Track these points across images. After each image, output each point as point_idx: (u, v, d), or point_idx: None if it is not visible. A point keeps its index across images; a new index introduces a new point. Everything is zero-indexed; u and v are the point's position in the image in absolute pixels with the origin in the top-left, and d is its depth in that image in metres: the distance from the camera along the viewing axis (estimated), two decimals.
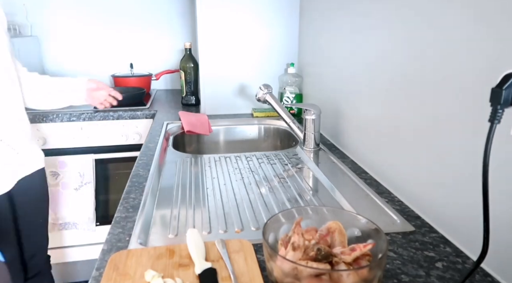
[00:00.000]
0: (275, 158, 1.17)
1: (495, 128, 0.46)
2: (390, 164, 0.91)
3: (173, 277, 0.56)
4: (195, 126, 1.45)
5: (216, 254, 0.62)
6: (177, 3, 2.20)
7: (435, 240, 0.69)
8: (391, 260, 0.63)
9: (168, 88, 2.34)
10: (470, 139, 0.64)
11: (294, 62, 1.65)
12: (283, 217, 0.59)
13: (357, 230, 0.57)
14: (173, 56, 2.29)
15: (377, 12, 0.94)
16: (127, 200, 0.85)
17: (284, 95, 1.59)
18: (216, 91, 1.65)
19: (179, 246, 0.63)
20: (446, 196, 0.71)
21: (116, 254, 0.61)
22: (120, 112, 1.70)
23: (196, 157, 1.17)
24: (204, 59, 1.60)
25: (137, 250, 0.63)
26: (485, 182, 0.46)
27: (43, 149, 1.28)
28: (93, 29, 2.15)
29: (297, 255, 0.51)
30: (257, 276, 0.56)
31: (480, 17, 0.61)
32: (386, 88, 0.91)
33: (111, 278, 0.56)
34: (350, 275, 0.46)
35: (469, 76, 0.64)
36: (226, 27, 1.57)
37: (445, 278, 0.59)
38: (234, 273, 0.56)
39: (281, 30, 1.62)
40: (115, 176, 1.76)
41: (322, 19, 1.34)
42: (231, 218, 0.81)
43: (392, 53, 0.88)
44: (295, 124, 1.27)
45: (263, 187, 0.98)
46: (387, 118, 0.92)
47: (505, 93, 0.44)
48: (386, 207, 0.81)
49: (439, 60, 0.71)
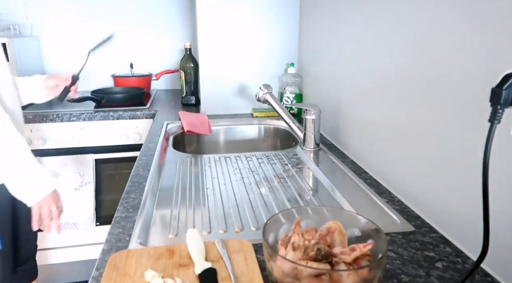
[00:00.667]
0: (275, 158, 1.17)
1: (495, 128, 0.46)
2: (390, 164, 0.91)
3: (173, 277, 0.56)
4: (195, 126, 1.45)
5: (216, 254, 0.62)
6: (177, 3, 2.20)
7: (435, 240, 0.69)
8: (391, 260, 0.63)
9: (168, 88, 2.34)
10: (470, 139, 0.64)
11: (294, 62, 1.65)
12: (283, 217, 0.59)
13: (357, 230, 0.57)
14: (173, 56, 2.29)
15: (377, 12, 0.94)
16: (127, 200, 0.85)
17: (284, 95, 1.59)
18: (216, 91, 1.65)
19: (179, 246, 0.63)
20: (446, 196, 0.71)
21: (116, 254, 0.61)
22: (120, 112, 1.70)
23: (196, 157, 1.17)
24: (204, 59, 1.60)
25: (137, 250, 0.63)
26: (485, 182, 0.46)
27: (43, 149, 1.28)
28: (93, 29, 2.15)
29: (297, 255, 0.51)
30: (257, 276, 0.56)
31: (479, 17, 0.61)
32: (386, 88, 0.91)
33: (111, 278, 0.56)
34: (350, 275, 0.46)
35: (470, 77, 0.64)
36: (226, 27, 1.57)
37: (445, 278, 0.59)
38: (234, 273, 0.56)
39: (281, 30, 1.62)
40: (115, 176, 1.76)
41: (322, 19, 1.34)
42: (231, 218, 0.81)
43: (392, 53, 0.88)
44: (295, 124, 1.27)
45: (263, 187, 0.98)
46: (387, 119, 0.92)
47: (505, 93, 0.44)
48: (386, 207, 0.81)
49: (439, 60, 0.71)
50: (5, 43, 1.70)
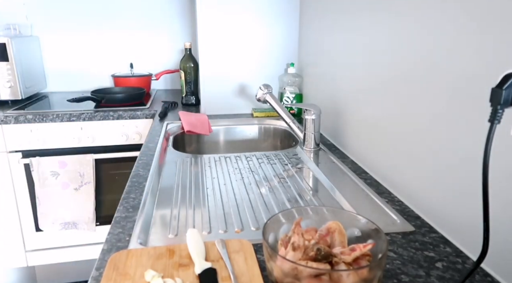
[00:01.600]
0: (275, 158, 1.17)
1: (495, 128, 0.46)
2: (390, 164, 0.91)
3: (173, 277, 0.56)
4: (195, 126, 1.45)
5: (216, 254, 0.62)
6: (177, 3, 2.20)
7: (435, 240, 0.69)
8: (391, 260, 0.63)
9: (168, 88, 2.34)
10: (470, 139, 0.64)
11: (294, 62, 1.65)
12: (283, 217, 0.59)
13: (357, 230, 0.57)
14: (173, 56, 2.29)
15: (377, 12, 0.94)
16: (127, 200, 0.85)
17: (284, 95, 1.59)
18: (216, 91, 1.65)
19: (179, 246, 0.63)
20: (446, 196, 0.71)
21: (116, 254, 0.61)
22: (120, 112, 1.70)
23: (196, 157, 1.17)
24: (204, 59, 1.60)
25: (137, 250, 0.63)
26: (485, 182, 0.46)
27: (43, 149, 1.28)
28: (93, 29, 2.15)
29: (297, 255, 0.51)
30: (257, 276, 0.56)
31: (479, 17, 0.61)
32: (386, 88, 0.91)
33: (111, 278, 0.56)
34: (350, 275, 0.46)
35: (470, 77, 0.64)
36: (226, 27, 1.57)
37: (445, 278, 0.59)
38: (234, 273, 0.57)
39: (281, 30, 1.62)
40: (115, 176, 1.76)
41: (322, 19, 1.34)
42: (231, 218, 0.81)
43: (392, 53, 0.88)
44: (295, 124, 1.27)
45: (263, 187, 0.98)
46: (387, 119, 0.92)
47: (505, 93, 0.44)
48: (386, 207, 0.81)
49: (439, 61, 0.71)
50: (5, 43, 1.70)
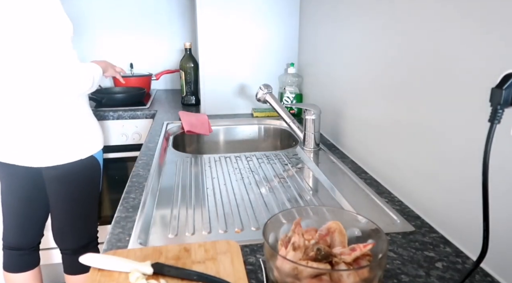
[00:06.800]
0: (275, 158, 1.17)
1: (495, 128, 0.46)
2: (390, 164, 0.91)
3: (157, 279, 0.56)
4: (195, 126, 1.45)
5: (202, 255, 0.61)
6: (177, 3, 2.20)
7: (435, 240, 0.69)
8: (391, 260, 0.63)
9: (168, 88, 2.34)
10: (470, 139, 0.64)
11: (294, 62, 1.65)
12: (283, 217, 0.58)
13: (357, 230, 0.57)
14: (173, 56, 2.29)
15: (376, 13, 0.94)
16: (127, 200, 0.85)
17: (284, 95, 1.59)
18: (216, 91, 1.65)
19: (166, 247, 0.63)
20: (446, 196, 0.71)
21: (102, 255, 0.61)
22: (120, 112, 1.70)
23: (196, 157, 1.17)
24: (204, 59, 1.60)
25: (123, 251, 0.62)
26: (485, 182, 0.46)
27: None
28: (93, 29, 2.15)
29: (297, 255, 0.51)
30: (243, 277, 0.56)
31: (479, 17, 0.61)
32: (386, 88, 0.91)
33: (95, 279, 0.56)
34: (350, 275, 0.46)
35: (470, 77, 0.64)
36: (226, 27, 1.57)
37: (445, 278, 0.59)
38: (219, 274, 0.56)
39: (281, 30, 1.62)
40: (115, 176, 1.76)
41: (322, 19, 1.34)
42: (231, 218, 0.82)
43: (391, 54, 0.88)
44: (295, 124, 1.27)
45: (263, 187, 0.98)
46: (387, 119, 0.92)
47: (505, 93, 0.44)
48: (386, 207, 0.81)
49: (439, 61, 0.71)
50: None
